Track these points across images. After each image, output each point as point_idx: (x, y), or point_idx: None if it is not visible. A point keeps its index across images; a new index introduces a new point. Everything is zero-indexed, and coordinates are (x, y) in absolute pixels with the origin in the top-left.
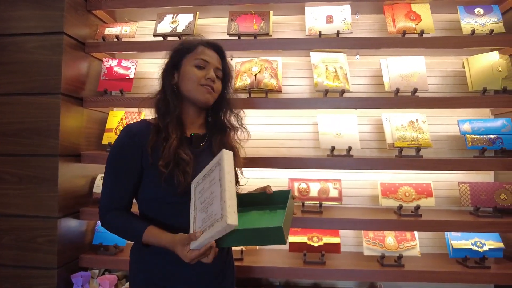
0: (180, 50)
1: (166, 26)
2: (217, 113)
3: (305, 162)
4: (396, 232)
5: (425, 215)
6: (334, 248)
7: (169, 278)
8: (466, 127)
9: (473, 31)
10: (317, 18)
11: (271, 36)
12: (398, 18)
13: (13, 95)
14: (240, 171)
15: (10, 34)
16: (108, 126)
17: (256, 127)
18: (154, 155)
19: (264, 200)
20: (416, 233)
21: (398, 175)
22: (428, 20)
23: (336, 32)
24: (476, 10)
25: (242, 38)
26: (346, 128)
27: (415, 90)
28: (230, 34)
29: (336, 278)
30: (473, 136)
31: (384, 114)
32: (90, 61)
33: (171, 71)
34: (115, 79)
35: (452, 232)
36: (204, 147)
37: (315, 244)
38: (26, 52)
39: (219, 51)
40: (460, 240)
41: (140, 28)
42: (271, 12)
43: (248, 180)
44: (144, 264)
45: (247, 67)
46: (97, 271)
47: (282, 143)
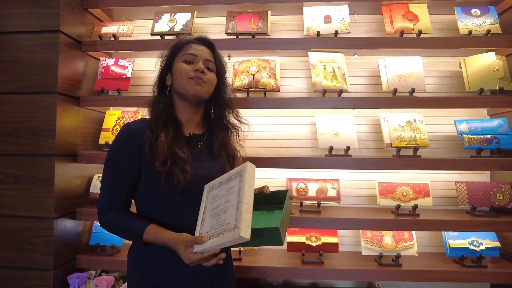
0: (172, 51)
1: (163, 25)
2: (218, 110)
3: (303, 162)
4: (394, 231)
5: (422, 214)
6: (332, 247)
7: (167, 279)
8: (463, 127)
9: (470, 32)
10: (315, 18)
11: (269, 35)
12: (395, 18)
13: (8, 94)
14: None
15: (6, 32)
16: (105, 126)
17: (254, 127)
18: (152, 153)
19: (262, 200)
20: (413, 232)
21: (395, 175)
22: (425, 20)
23: (334, 32)
24: (473, 11)
25: (240, 37)
26: (344, 128)
27: (413, 90)
28: (228, 34)
29: (334, 278)
30: (470, 136)
31: (382, 114)
32: (86, 60)
33: (165, 73)
34: (112, 78)
35: (450, 232)
36: (203, 147)
37: (313, 244)
38: (22, 50)
39: (208, 44)
40: (457, 240)
41: (137, 27)
42: (269, 12)
43: None
44: (142, 264)
45: (245, 67)
46: (94, 272)
47: (280, 143)
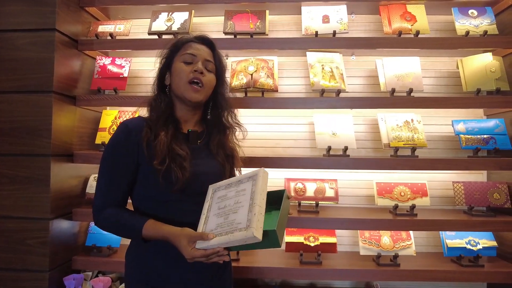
0: (172, 50)
1: (161, 24)
2: (215, 111)
3: (301, 162)
4: (392, 231)
5: (420, 214)
6: (331, 248)
7: (166, 279)
8: (460, 127)
9: (467, 32)
10: (313, 18)
11: (268, 35)
12: (393, 18)
13: (3, 93)
14: (239, 171)
15: (1, 30)
16: (101, 126)
17: (252, 127)
18: (150, 151)
19: None
20: (411, 232)
21: (393, 174)
22: (423, 21)
23: (332, 32)
24: (470, 12)
25: (238, 37)
26: (342, 128)
27: (411, 91)
28: (226, 33)
29: (333, 278)
30: (467, 136)
31: (380, 114)
32: (83, 59)
33: (164, 71)
34: (109, 78)
35: (447, 231)
36: (201, 144)
37: (312, 244)
38: (17, 49)
39: (208, 43)
40: (454, 239)
41: (134, 26)
42: (267, 11)
43: None
44: (140, 265)
45: (243, 66)
46: (90, 273)
47: (278, 142)
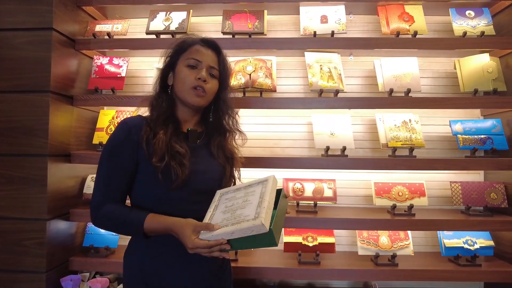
0: (177, 50)
1: (159, 23)
2: (217, 114)
3: (300, 162)
4: (390, 231)
5: (418, 214)
6: (329, 248)
7: (165, 280)
8: (458, 127)
9: (464, 33)
10: (311, 18)
11: (266, 35)
12: (391, 19)
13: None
14: (238, 172)
15: None
16: (99, 126)
17: (250, 127)
18: (149, 149)
19: None
20: (409, 232)
21: (391, 174)
22: (421, 21)
23: (330, 32)
24: (467, 13)
25: (237, 37)
26: (340, 128)
27: (408, 91)
28: (224, 33)
29: (331, 278)
30: (464, 136)
31: (378, 114)
32: (80, 58)
33: (167, 71)
34: (106, 77)
35: (445, 231)
36: (201, 144)
37: (310, 244)
38: (13, 48)
39: (215, 48)
40: (452, 239)
41: (132, 26)
42: (266, 11)
43: (242, 180)
44: (139, 266)
45: (242, 66)
46: (87, 274)
47: (276, 143)
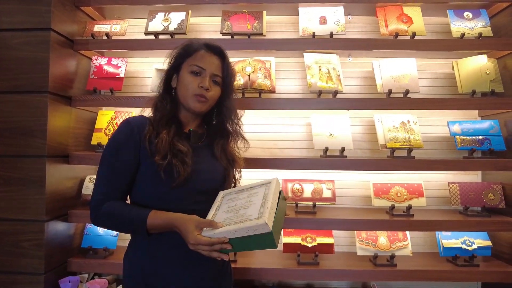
0: (181, 53)
1: (157, 24)
2: (220, 118)
3: (299, 162)
4: (389, 232)
5: (416, 215)
6: (328, 248)
7: (166, 281)
8: (456, 128)
9: (462, 35)
10: (310, 19)
11: (265, 36)
12: (390, 20)
13: None
14: (239, 173)
15: None
16: (97, 126)
17: (249, 127)
18: (152, 148)
19: None
20: (408, 232)
21: (390, 175)
22: (419, 22)
23: (329, 33)
24: (465, 14)
25: (236, 37)
26: (339, 129)
27: (407, 92)
28: (223, 34)
29: (330, 279)
30: (462, 137)
31: (376, 115)
32: (78, 59)
33: (171, 73)
34: (105, 78)
35: (443, 232)
36: (202, 145)
37: (309, 245)
38: (11, 48)
39: (220, 53)
40: (450, 239)
41: (130, 26)
42: (265, 12)
43: (241, 181)
44: (138, 268)
45: (241, 67)
46: (86, 275)
47: (275, 143)
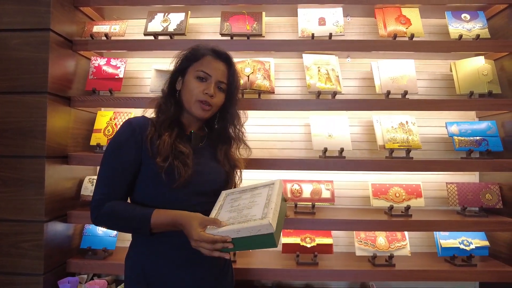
0: (188, 57)
1: (157, 25)
2: (222, 123)
3: (298, 163)
4: (387, 232)
5: (415, 215)
6: (327, 248)
7: (167, 281)
8: (454, 129)
9: (460, 36)
10: (309, 20)
11: (264, 37)
12: (388, 21)
13: None
14: (240, 175)
15: None
16: (96, 127)
17: (248, 128)
18: (153, 149)
19: None
20: (406, 233)
21: (388, 176)
22: (417, 24)
23: (328, 34)
24: (463, 16)
25: (235, 38)
26: (338, 129)
27: (405, 93)
28: (222, 35)
29: (329, 279)
30: (460, 138)
31: (375, 116)
32: (77, 59)
33: (177, 75)
34: (104, 79)
35: (441, 232)
36: (203, 146)
37: (308, 245)
38: (10, 49)
39: (227, 61)
40: (448, 239)
41: (129, 27)
42: (264, 13)
43: (242, 182)
44: (140, 269)
45: (240, 68)
46: (85, 276)
47: (274, 144)
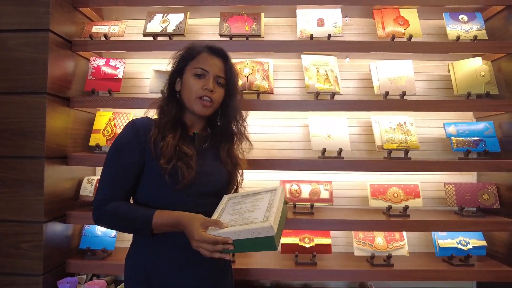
0: (184, 56)
1: (156, 25)
2: (225, 120)
3: (297, 163)
4: (385, 232)
5: (413, 215)
6: (325, 249)
7: (168, 282)
8: (452, 129)
9: (458, 37)
10: (308, 21)
11: (263, 38)
12: (387, 22)
13: None
14: (241, 175)
15: None
16: (95, 127)
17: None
18: (156, 150)
19: None
20: (404, 233)
21: (387, 176)
22: (416, 25)
23: (327, 35)
24: (460, 17)
25: (234, 39)
26: (337, 130)
27: (404, 93)
28: (221, 35)
29: (327, 279)
30: (458, 138)
31: (373, 116)
32: (76, 60)
33: (175, 76)
34: (103, 79)
35: (439, 232)
36: (207, 147)
37: (307, 245)
38: (9, 49)
39: (223, 56)
40: (446, 239)
41: (129, 27)
42: (263, 14)
43: (242, 183)
44: (141, 269)
45: (239, 69)
46: (84, 276)
47: (273, 144)
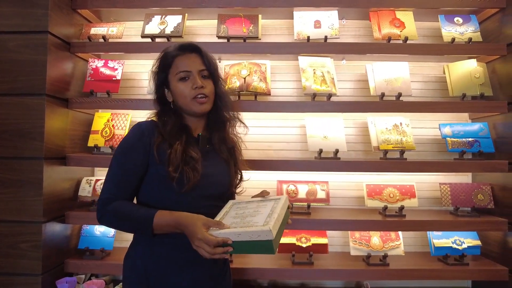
0: (161, 68)
1: (154, 27)
2: (215, 106)
3: (293, 164)
4: (381, 232)
5: (408, 215)
6: (322, 248)
7: (167, 282)
8: (447, 130)
9: (453, 39)
10: (305, 23)
11: (260, 39)
12: (383, 24)
13: None
14: (242, 164)
15: None
16: (94, 128)
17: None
18: (160, 155)
19: None
20: (400, 232)
21: (383, 176)
22: (411, 27)
23: (324, 37)
24: (455, 19)
25: (232, 41)
26: (333, 131)
27: (399, 95)
28: (219, 37)
29: (324, 278)
30: (453, 139)
31: (370, 117)
32: (75, 61)
33: (162, 90)
34: (102, 80)
35: (434, 231)
36: (210, 149)
37: (303, 245)
38: (8, 51)
39: (195, 49)
40: (441, 239)
41: (127, 29)
42: (260, 16)
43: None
44: (140, 268)
45: (236, 70)
46: (83, 276)
47: (270, 145)
